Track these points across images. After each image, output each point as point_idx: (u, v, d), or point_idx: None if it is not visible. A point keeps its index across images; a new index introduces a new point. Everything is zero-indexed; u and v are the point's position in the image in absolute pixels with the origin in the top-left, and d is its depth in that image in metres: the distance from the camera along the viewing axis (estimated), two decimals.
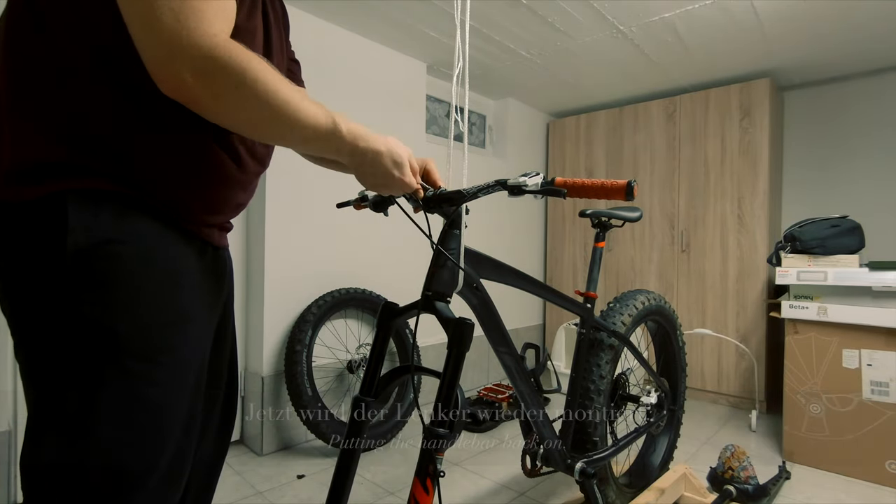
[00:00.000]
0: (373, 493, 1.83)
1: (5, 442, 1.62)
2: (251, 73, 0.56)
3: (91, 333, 0.58)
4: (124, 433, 0.60)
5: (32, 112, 0.59)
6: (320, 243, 2.36)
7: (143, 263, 0.62)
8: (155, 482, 0.64)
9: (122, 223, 0.60)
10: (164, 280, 0.64)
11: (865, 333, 1.97)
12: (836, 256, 2.11)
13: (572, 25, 2.34)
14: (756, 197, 2.82)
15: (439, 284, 0.96)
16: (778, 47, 2.55)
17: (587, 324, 1.46)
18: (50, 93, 0.59)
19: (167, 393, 0.65)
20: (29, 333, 0.60)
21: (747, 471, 1.76)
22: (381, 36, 2.49)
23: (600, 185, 0.90)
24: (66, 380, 0.58)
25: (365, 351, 2.51)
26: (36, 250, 0.58)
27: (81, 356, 0.58)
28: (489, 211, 3.31)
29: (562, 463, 1.36)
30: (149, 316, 0.62)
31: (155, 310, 0.63)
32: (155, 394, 0.63)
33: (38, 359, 0.60)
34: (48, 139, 0.58)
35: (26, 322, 0.60)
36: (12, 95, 0.60)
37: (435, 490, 0.83)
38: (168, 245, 0.65)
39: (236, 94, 0.56)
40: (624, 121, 3.35)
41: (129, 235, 0.61)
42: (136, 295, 0.61)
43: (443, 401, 0.86)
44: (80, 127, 0.59)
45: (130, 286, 0.60)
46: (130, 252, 0.60)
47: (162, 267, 0.64)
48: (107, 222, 0.59)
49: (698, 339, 3.02)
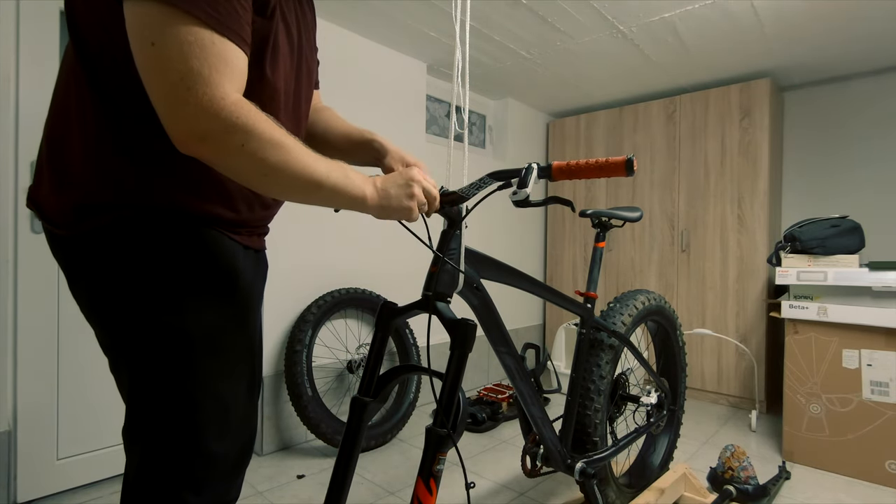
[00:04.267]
0: (373, 493, 1.83)
1: (5, 442, 1.62)
2: (257, 132, 0.60)
3: (172, 337, 0.68)
4: (203, 421, 0.71)
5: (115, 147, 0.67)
6: (320, 243, 2.36)
7: (206, 273, 0.71)
8: (229, 466, 0.75)
9: (186, 244, 0.69)
10: (224, 285, 0.73)
11: (865, 333, 1.97)
12: (836, 256, 2.11)
13: (572, 25, 2.34)
14: (756, 197, 2.82)
15: (440, 285, 0.96)
16: (778, 47, 2.55)
17: (587, 324, 1.46)
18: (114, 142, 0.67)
19: (234, 384, 0.74)
20: (119, 341, 0.70)
21: (747, 471, 1.76)
22: (381, 36, 2.49)
23: (599, 163, 0.88)
24: (154, 378, 0.68)
25: (365, 351, 2.51)
26: (114, 270, 0.67)
27: (165, 356, 0.68)
28: (489, 211, 3.31)
29: (562, 463, 1.36)
30: (214, 318, 0.72)
31: (219, 312, 0.72)
32: (225, 386, 0.73)
33: (127, 360, 0.70)
34: (102, 180, 0.66)
35: (115, 332, 0.69)
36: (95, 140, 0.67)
37: (438, 490, 0.83)
38: (223, 254, 0.73)
39: (242, 153, 0.60)
40: (624, 121, 3.35)
41: (193, 254, 0.70)
42: (204, 301, 0.71)
43: (445, 402, 0.86)
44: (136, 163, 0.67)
45: (199, 293, 0.70)
46: (194, 264, 0.70)
47: (221, 274, 0.73)
48: (170, 240, 0.68)
49: (698, 339, 3.02)
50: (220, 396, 0.72)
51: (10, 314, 1.63)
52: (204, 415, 0.71)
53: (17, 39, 1.62)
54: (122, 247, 0.67)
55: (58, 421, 1.72)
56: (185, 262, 0.69)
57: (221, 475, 0.74)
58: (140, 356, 0.68)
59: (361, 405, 0.94)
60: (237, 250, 0.76)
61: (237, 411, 0.75)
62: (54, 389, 1.70)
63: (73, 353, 1.74)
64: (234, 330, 0.75)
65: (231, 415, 0.74)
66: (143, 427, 0.70)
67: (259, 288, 0.84)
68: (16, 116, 1.63)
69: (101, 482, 1.84)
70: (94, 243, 0.67)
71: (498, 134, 3.54)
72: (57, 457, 1.72)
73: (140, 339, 0.68)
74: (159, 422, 0.69)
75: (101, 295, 0.69)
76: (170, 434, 0.69)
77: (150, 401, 0.69)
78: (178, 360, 0.69)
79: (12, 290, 1.63)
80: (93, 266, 0.68)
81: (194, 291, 0.70)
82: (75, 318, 1.75)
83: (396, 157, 0.96)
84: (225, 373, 0.73)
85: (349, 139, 1.01)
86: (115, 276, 0.67)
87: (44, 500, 1.70)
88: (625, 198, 3.34)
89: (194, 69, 0.56)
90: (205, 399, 0.70)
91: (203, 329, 0.70)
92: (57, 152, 0.69)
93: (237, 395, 0.75)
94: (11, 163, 1.62)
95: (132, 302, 0.67)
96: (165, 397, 0.68)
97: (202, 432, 0.70)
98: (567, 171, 0.88)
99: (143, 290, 0.67)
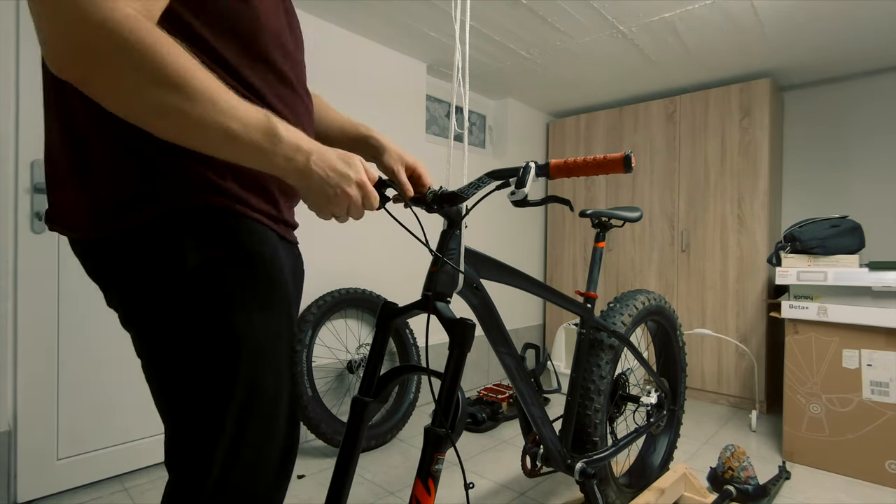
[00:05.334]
0: (373, 493, 1.83)
1: (5, 442, 1.62)
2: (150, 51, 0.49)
3: (222, 341, 0.63)
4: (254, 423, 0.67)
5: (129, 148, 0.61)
6: (320, 243, 2.36)
7: (253, 273, 0.66)
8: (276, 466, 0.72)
9: (230, 237, 0.64)
10: (271, 284, 0.68)
11: (865, 333, 1.97)
12: (836, 256, 2.11)
13: (572, 25, 2.34)
14: (756, 197, 2.82)
15: (439, 285, 0.96)
16: (778, 47, 2.55)
17: (587, 324, 1.46)
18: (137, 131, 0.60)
19: (279, 383, 0.70)
20: (162, 347, 0.64)
21: (747, 471, 1.76)
22: (381, 36, 2.49)
23: (597, 160, 0.87)
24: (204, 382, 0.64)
25: (365, 351, 2.51)
26: (157, 272, 0.61)
27: (215, 360, 0.63)
28: (489, 211, 3.31)
29: (562, 463, 1.36)
30: (262, 318, 0.67)
31: (260, 315, 0.67)
32: (270, 390, 0.69)
33: (173, 368, 0.64)
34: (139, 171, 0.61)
35: (158, 338, 0.64)
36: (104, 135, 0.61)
37: (436, 490, 0.83)
38: (270, 252, 0.68)
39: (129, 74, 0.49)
40: (624, 121, 3.35)
41: (237, 249, 0.64)
42: (251, 302, 0.66)
43: (444, 401, 0.86)
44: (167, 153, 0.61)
45: (246, 295, 0.65)
46: (242, 264, 0.65)
47: (268, 273, 0.68)
48: (216, 238, 0.63)
49: (698, 339, 3.02)
50: (275, 403, 0.69)
51: (10, 314, 1.63)
52: (259, 423, 0.67)
53: (18, 39, 1.62)
54: (166, 244, 0.61)
55: (58, 421, 1.72)
56: (239, 259, 0.64)
57: (269, 487, 0.71)
58: (193, 362, 0.63)
59: (362, 405, 0.94)
60: (278, 244, 0.71)
61: (286, 418, 0.73)
62: (54, 389, 1.70)
63: (73, 353, 1.74)
64: (281, 332, 0.70)
65: (280, 422, 0.71)
66: (197, 444, 0.65)
67: (299, 285, 0.79)
68: (16, 116, 1.63)
69: (101, 482, 1.84)
70: (133, 243, 0.61)
71: (498, 134, 3.54)
72: (57, 457, 1.72)
73: (192, 343, 0.63)
74: (217, 435, 0.64)
75: (144, 299, 0.63)
76: (230, 451, 0.65)
77: (205, 412, 0.64)
78: (237, 365, 0.64)
79: (12, 290, 1.63)
80: (133, 268, 0.62)
81: (251, 290, 0.65)
82: (75, 317, 1.75)
83: (395, 156, 0.93)
84: (277, 379, 0.70)
85: (344, 132, 0.97)
86: (160, 277, 0.61)
87: (44, 500, 1.70)
88: (625, 198, 3.34)
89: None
90: (260, 407, 0.67)
91: (257, 331, 0.66)
92: (78, 149, 0.62)
93: (285, 401, 0.72)
94: (12, 163, 1.62)
95: (182, 304, 0.62)
96: (221, 408, 0.64)
97: (261, 446, 0.67)
98: (565, 168, 0.87)
99: (195, 290, 0.62)
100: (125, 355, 1.86)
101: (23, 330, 1.64)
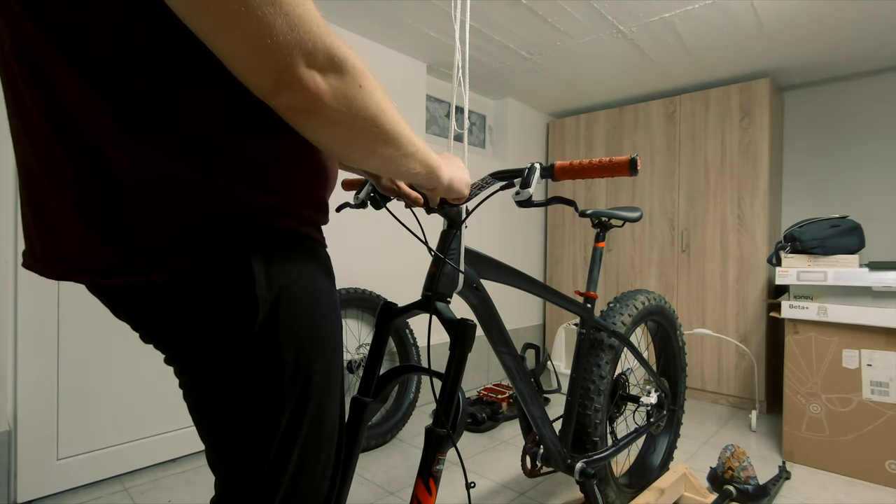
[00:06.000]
0: (373, 493, 1.83)
1: (5, 442, 1.62)
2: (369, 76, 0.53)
3: (294, 376, 0.59)
4: (313, 460, 0.64)
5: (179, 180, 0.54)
6: None
7: (315, 301, 0.62)
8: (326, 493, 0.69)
9: (291, 264, 0.59)
10: (330, 311, 0.65)
11: (865, 333, 1.97)
12: (836, 256, 2.11)
13: (572, 25, 2.34)
14: (756, 197, 2.82)
15: (440, 285, 0.96)
16: (778, 47, 2.55)
17: (587, 324, 1.46)
18: None
19: (336, 415, 0.68)
20: (223, 384, 0.58)
21: (747, 471, 1.76)
22: (381, 36, 2.49)
23: (603, 163, 0.86)
24: (270, 422, 0.59)
25: (365, 351, 2.51)
26: (222, 307, 0.55)
27: (286, 397, 0.59)
28: (489, 211, 3.31)
29: (562, 463, 1.36)
30: (326, 349, 0.64)
31: (329, 341, 0.64)
32: (332, 416, 0.66)
33: (233, 404, 0.59)
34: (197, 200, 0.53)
35: (218, 373, 0.58)
36: None
37: (437, 490, 0.83)
38: (323, 274, 0.65)
39: (361, 93, 0.51)
40: (624, 121, 3.35)
41: (298, 276, 0.60)
42: (318, 333, 0.62)
43: (445, 401, 0.86)
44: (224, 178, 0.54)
45: (312, 327, 0.61)
46: (304, 293, 0.60)
47: (326, 299, 0.64)
48: (280, 266, 0.58)
49: (698, 339, 3.02)
50: (336, 431, 0.68)
51: (10, 314, 1.63)
52: (318, 459, 0.65)
53: None
54: (230, 275, 0.54)
55: (58, 421, 1.72)
56: (309, 285, 0.61)
57: None
58: (260, 398, 0.58)
59: (362, 405, 0.94)
60: (328, 259, 0.67)
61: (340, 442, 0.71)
62: (54, 389, 1.70)
63: (73, 353, 1.74)
64: (338, 358, 0.68)
65: (339, 447, 0.70)
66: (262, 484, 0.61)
67: None
68: None
69: (101, 482, 1.84)
70: (188, 281, 0.54)
71: (498, 134, 3.54)
72: (57, 457, 1.72)
73: (261, 377, 0.58)
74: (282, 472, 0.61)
75: (202, 338, 0.57)
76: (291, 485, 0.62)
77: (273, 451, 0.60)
78: (307, 399, 0.61)
79: (12, 290, 1.63)
80: (188, 306, 0.55)
81: (322, 320, 0.63)
82: (75, 317, 1.75)
83: None
84: (336, 405, 0.68)
85: None
86: (223, 313, 0.55)
87: (44, 500, 1.70)
88: (625, 198, 3.34)
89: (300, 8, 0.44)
90: (322, 443, 0.65)
91: (327, 363, 0.63)
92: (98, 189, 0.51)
93: (342, 427, 0.71)
94: (12, 163, 1.62)
95: (253, 337, 0.56)
96: (289, 446, 0.61)
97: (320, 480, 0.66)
98: (570, 170, 0.87)
99: (269, 321, 0.57)
100: (125, 355, 1.86)
101: (23, 330, 1.64)
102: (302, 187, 0.60)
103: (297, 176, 0.59)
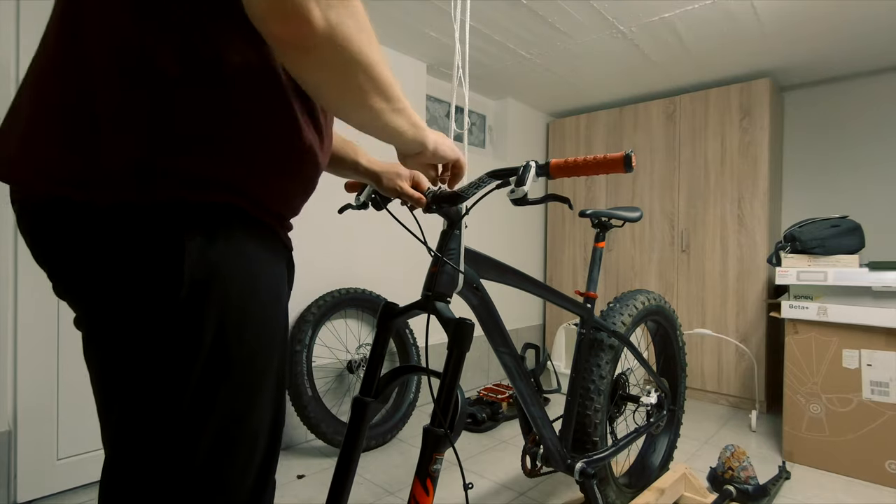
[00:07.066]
0: (373, 493, 1.83)
1: (5, 442, 1.62)
2: (369, 25, 0.53)
3: (209, 359, 0.56)
4: (226, 457, 0.59)
5: (139, 115, 0.52)
6: (320, 243, 2.36)
7: (252, 289, 0.59)
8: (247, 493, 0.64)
9: (233, 245, 0.57)
10: (268, 301, 0.62)
11: (865, 333, 1.97)
12: (836, 256, 2.11)
13: (572, 25, 2.34)
14: (756, 197, 2.82)
15: (439, 285, 0.96)
16: (778, 47, 2.55)
17: (587, 324, 1.46)
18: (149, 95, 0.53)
19: (263, 414, 0.63)
20: (123, 348, 0.55)
21: (747, 471, 1.76)
22: (381, 36, 2.49)
23: (598, 160, 0.87)
24: (172, 403, 0.55)
25: (365, 351, 2.51)
26: (148, 268, 0.52)
27: (194, 380, 0.55)
28: (489, 211, 3.31)
29: (562, 463, 1.36)
30: (256, 340, 0.60)
31: (261, 333, 0.61)
32: (257, 414, 0.62)
33: (135, 377, 0.55)
34: (153, 142, 0.52)
35: (120, 335, 0.55)
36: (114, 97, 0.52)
37: (435, 490, 0.83)
38: (269, 263, 0.62)
39: (360, 38, 0.52)
40: (624, 121, 3.35)
41: (238, 260, 0.57)
42: (247, 321, 0.59)
43: (443, 401, 0.86)
44: (180, 127, 0.53)
45: (242, 313, 0.58)
46: (240, 278, 0.57)
47: (267, 289, 0.61)
48: (219, 245, 0.55)
49: (698, 339, 3.02)
50: (260, 432, 0.63)
51: (10, 314, 1.63)
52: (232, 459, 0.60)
53: (18, 39, 1.62)
54: (163, 237, 0.52)
55: (58, 421, 1.72)
56: (244, 270, 0.58)
57: None
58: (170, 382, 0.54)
59: (363, 405, 0.94)
60: (283, 252, 0.65)
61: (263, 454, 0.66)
62: (54, 389, 1.71)
63: (73, 353, 1.74)
64: (272, 355, 0.64)
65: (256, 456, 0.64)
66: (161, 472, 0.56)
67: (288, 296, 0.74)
68: None
69: None
70: (117, 221, 0.52)
71: (498, 134, 3.54)
72: (57, 457, 1.72)
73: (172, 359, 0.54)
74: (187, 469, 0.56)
75: (113, 294, 0.53)
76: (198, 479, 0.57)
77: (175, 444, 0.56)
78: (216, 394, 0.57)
79: (12, 290, 1.63)
80: (110, 253, 0.52)
81: (251, 309, 0.59)
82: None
83: (392, 176, 0.92)
84: (264, 403, 0.63)
85: None
86: (144, 275, 0.53)
87: (44, 500, 1.70)
88: (625, 198, 3.34)
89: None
90: (235, 442, 0.61)
91: (243, 355, 0.59)
92: (79, 104, 0.52)
93: (263, 444, 0.65)
94: None
95: (167, 312, 0.53)
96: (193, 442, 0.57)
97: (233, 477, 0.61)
98: (565, 168, 0.87)
99: (189, 299, 0.54)
100: None
101: (23, 330, 1.64)
102: (273, 179, 0.60)
103: (273, 166, 0.59)
